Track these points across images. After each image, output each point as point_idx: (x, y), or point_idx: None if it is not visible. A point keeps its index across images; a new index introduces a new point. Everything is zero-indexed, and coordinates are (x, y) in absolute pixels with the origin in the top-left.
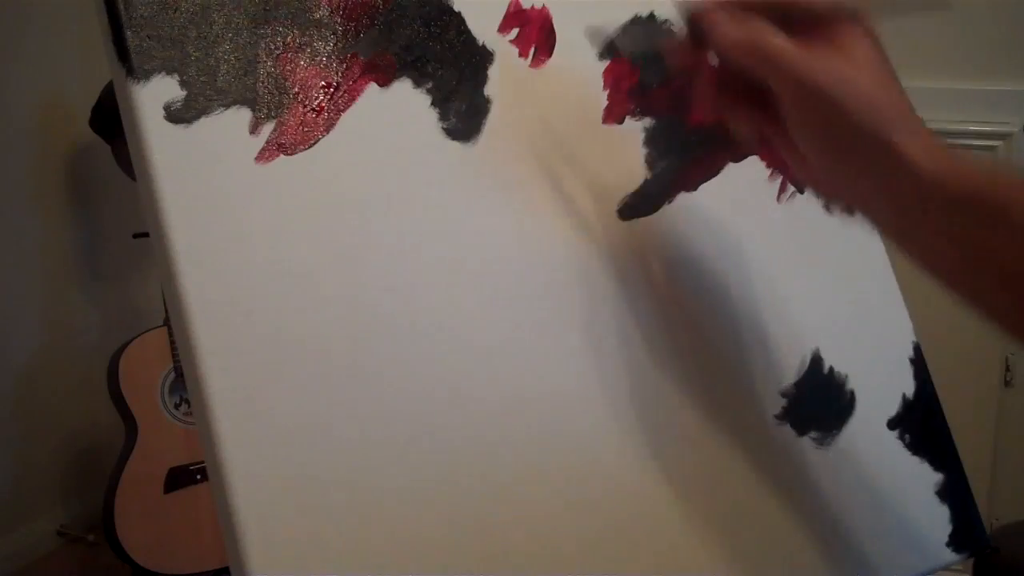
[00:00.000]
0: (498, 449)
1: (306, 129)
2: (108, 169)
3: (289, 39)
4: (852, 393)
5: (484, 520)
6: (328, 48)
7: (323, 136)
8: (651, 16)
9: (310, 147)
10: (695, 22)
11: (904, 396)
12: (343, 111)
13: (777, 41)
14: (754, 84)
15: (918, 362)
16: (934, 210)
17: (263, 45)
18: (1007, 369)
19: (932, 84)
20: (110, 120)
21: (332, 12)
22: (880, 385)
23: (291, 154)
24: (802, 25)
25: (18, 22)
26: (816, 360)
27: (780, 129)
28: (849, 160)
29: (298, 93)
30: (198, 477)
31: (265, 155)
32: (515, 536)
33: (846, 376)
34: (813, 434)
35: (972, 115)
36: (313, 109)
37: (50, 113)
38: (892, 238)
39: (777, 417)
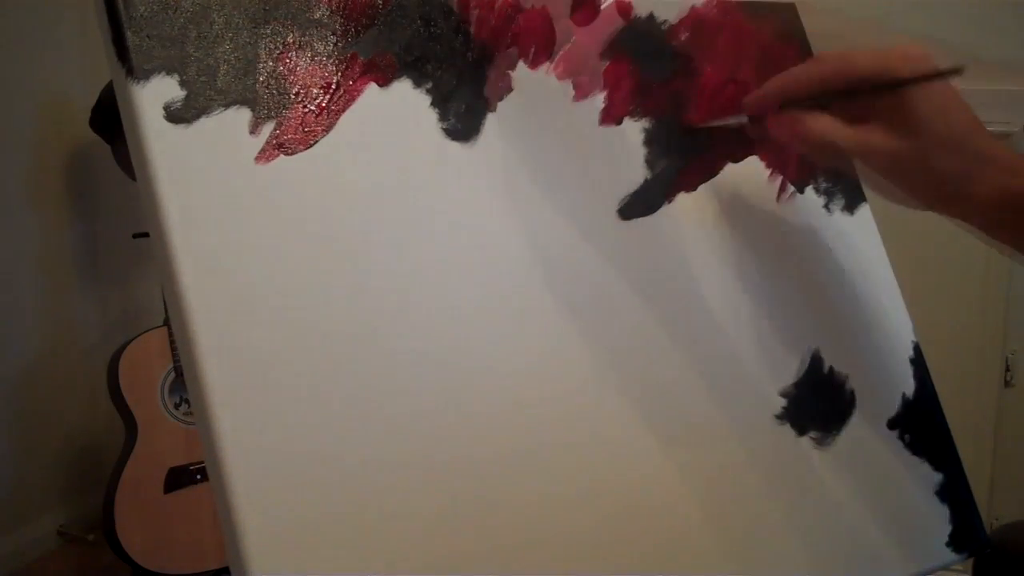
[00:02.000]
0: (498, 448)
1: (306, 129)
2: (108, 169)
3: (289, 39)
4: (852, 393)
5: (485, 519)
6: (328, 48)
7: (323, 136)
8: (650, 16)
9: (310, 147)
10: (750, 112)
11: (904, 396)
12: (343, 111)
13: (831, 134)
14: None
15: (918, 362)
16: (1011, 227)
17: (263, 45)
18: (1007, 369)
19: None
20: (110, 120)
21: (332, 12)
22: (880, 385)
23: (291, 154)
24: (854, 101)
25: (18, 22)
26: (816, 360)
27: None
28: (931, 206)
29: (298, 93)
30: (198, 477)
31: (265, 155)
32: (516, 534)
33: (846, 376)
34: (813, 434)
35: None
36: (313, 109)
37: (50, 113)
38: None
39: (777, 417)
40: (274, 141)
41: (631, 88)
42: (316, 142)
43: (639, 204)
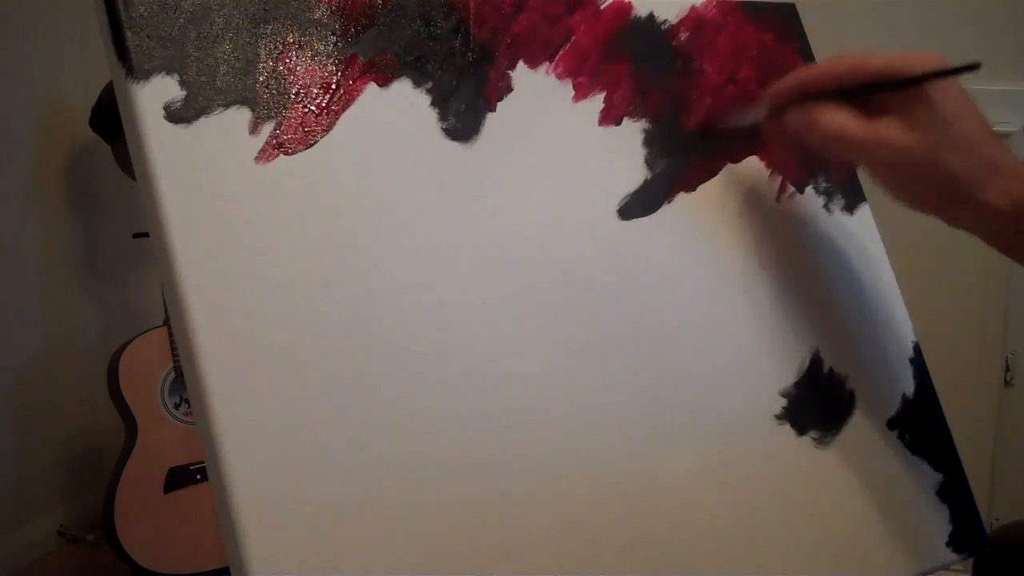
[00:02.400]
0: (497, 448)
1: (306, 129)
2: (108, 169)
3: (289, 39)
4: (852, 393)
5: (489, 519)
6: (328, 48)
7: (323, 136)
8: (650, 16)
9: (310, 147)
10: (772, 101)
11: (904, 396)
12: (343, 111)
13: (845, 128)
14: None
15: (918, 362)
16: (1017, 237)
17: (263, 45)
18: (1007, 369)
19: None
20: (110, 120)
21: (332, 12)
22: (880, 385)
23: (291, 154)
24: (870, 97)
25: (18, 22)
26: (816, 360)
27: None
28: (938, 209)
29: (298, 93)
30: (198, 477)
31: (265, 155)
32: (519, 534)
33: (846, 376)
34: (813, 434)
35: None
36: (313, 109)
37: (50, 113)
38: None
39: (777, 417)
40: (274, 141)
41: (631, 88)
42: (316, 142)
43: (638, 204)
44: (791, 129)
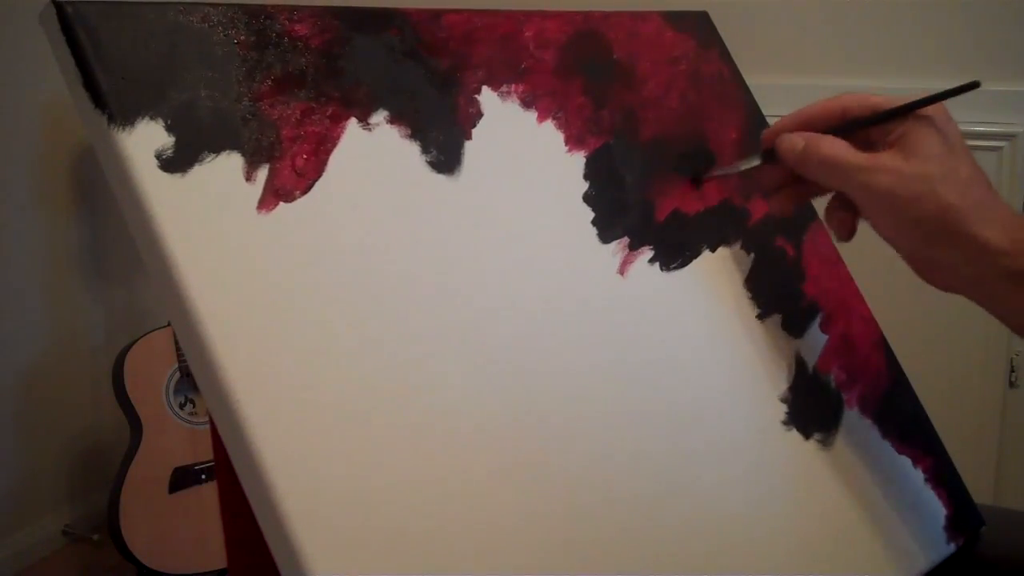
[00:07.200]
0: (502, 450)
1: (299, 174)
2: None
3: (268, 80)
4: (838, 390)
5: (477, 517)
6: (305, 87)
7: (317, 180)
8: (591, 31)
9: (307, 192)
10: (767, 147)
11: (884, 387)
12: (331, 152)
13: (843, 154)
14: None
15: (888, 352)
16: (1014, 282)
17: (243, 88)
18: (1012, 370)
19: (938, 84)
20: None
21: (305, 50)
22: (860, 380)
23: (291, 201)
24: (866, 130)
25: (22, 21)
26: (800, 362)
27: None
28: (925, 245)
29: (284, 134)
30: (203, 477)
31: (266, 204)
32: (532, 545)
33: (829, 374)
34: (817, 436)
35: (977, 115)
36: (302, 151)
37: (55, 112)
38: (981, 305)
39: (784, 423)
40: (271, 188)
41: (587, 106)
42: (312, 186)
43: (616, 226)
44: (786, 156)
